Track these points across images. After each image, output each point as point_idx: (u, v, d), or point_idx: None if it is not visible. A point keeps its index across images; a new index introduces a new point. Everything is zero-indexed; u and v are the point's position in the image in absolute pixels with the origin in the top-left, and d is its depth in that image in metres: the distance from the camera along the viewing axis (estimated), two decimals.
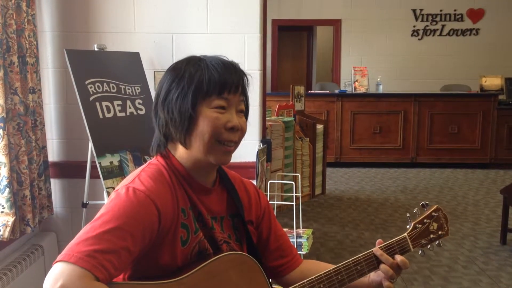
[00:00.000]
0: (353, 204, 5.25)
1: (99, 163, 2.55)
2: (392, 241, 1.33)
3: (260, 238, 1.38)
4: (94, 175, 2.69)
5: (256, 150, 2.87)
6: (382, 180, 6.40)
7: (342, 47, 8.60)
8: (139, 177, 1.17)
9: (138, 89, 2.89)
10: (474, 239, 4.17)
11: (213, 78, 1.17)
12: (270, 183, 3.21)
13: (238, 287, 1.20)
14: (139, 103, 2.87)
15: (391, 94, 7.19)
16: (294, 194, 3.05)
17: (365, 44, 8.51)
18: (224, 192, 1.31)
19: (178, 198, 1.19)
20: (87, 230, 1.05)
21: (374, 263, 1.30)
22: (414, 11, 8.41)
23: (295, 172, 4.94)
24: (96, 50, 2.81)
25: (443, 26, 8.43)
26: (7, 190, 2.38)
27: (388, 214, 4.87)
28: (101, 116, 2.64)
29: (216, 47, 2.92)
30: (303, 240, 2.88)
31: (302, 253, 2.82)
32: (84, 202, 2.75)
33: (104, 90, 2.70)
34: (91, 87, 2.63)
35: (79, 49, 2.88)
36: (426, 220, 1.36)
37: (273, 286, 1.32)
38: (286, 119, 5.01)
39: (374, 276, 1.32)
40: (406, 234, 1.35)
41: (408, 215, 1.39)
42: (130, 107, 2.83)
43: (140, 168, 1.23)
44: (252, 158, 2.91)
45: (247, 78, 1.25)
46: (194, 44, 2.96)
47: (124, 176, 2.58)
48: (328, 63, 9.45)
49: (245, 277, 1.22)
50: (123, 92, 2.81)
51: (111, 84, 2.75)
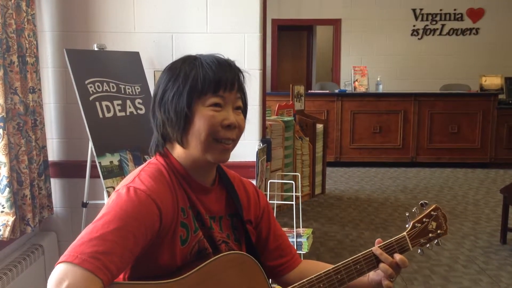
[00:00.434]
0: (353, 204, 5.25)
1: (99, 163, 2.55)
2: (391, 240, 1.33)
3: (259, 238, 1.38)
4: (94, 175, 2.69)
5: (256, 150, 2.87)
6: (382, 179, 6.41)
7: (342, 47, 8.61)
8: (139, 176, 1.17)
9: (138, 88, 2.89)
10: (474, 239, 4.17)
11: (207, 76, 1.17)
12: (270, 182, 3.21)
13: (238, 287, 1.20)
14: (139, 103, 2.87)
15: (391, 94, 7.19)
16: (294, 194, 3.05)
17: (365, 43, 8.51)
18: (223, 192, 1.31)
19: (177, 197, 1.19)
20: (89, 231, 1.04)
21: (374, 262, 1.30)
22: (414, 10, 8.41)
23: (295, 172, 4.94)
24: (96, 49, 2.81)
25: (443, 25, 8.43)
26: (7, 189, 2.38)
27: (388, 214, 4.87)
28: (101, 115, 2.64)
29: (216, 47, 2.92)
30: (303, 239, 2.88)
31: (302, 252, 2.82)
32: (84, 201, 2.75)
33: (104, 90, 2.70)
34: (91, 87, 2.63)
35: (79, 48, 2.88)
36: (425, 219, 1.36)
37: (272, 286, 1.32)
38: (286, 118, 5.01)
39: (374, 275, 1.32)
40: (405, 233, 1.35)
41: (407, 214, 1.39)
42: (130, 107, 2.83)
43: (140, 167, 1.23)
44: (252, 158, 2.91)
45: (243, 75, 1.25)
46: (194, 44, 2.96)
47: (124, 176, 2.58)
48: (328, 63, 9.46)
49: (244, 276, 1.22)
50: (123, 92, 2.81)
51: (111, 84, 2.75)
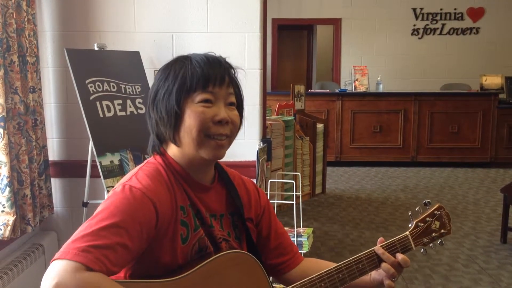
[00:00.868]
0: (353, 203, 5.25)
1: (100, 162, 2.55)
2: (394, 239, 1.32)
3: (260, 236, 1.38)
4: (95, 174, 2.69)
5: (257, 149, 2.87)
6: (382, 179, 6.40)
7: (342, 46, 8.60)
8: (136, 175, 1.18)
9: (138, 88, 2.89)
10: (474, 238, 4.17)
11: (196, 73, 1.17)
12: (271, 182, 3.21)
13: (239, 285, 1.20)
14: (139, 102, 2.87)
15: (391, 93, 7.19)
16: (294, 193, 3.05)
17: (365, 43, 8.51)
18: (223, 190, 1.31)
19: (176, 196, 1.19)
20: (83, 228, 1.05)
21: (376, 261, 1.29)
22: (414, 10, 8.41)
23: (295, 171, 4.94)
24: (96, 49, 2.81)
25: (443, 25, 8.43)
26: (8, 189, 2.38)
27: (388, 213, 4.87)
28: (101, 115, 2.64)
29: (216, 46, 2.92)
30: (303, 239, 2.88)
31: (302, 252, 2.82)
32: (85, 201, 2.75)
33: (104, 89, 2.70)
34: (91, 86, 2.63)
35: (79, 48, 2.88)
36: (428, 219, 1.36)
37: (273, 285, 1.32)
38: (286, 118, 5.01)
39: (376, 274, 1.32)
40: (408, 233, 1.34)
41: (410, 213, 1.38)
42: (130, 106, 2.83)
43: (138, 167, 1.23)
44: (252, 157, 2.91)
45: (235, 71, 1.24)
46: (194, 43, 2.96)
47: (124, 175, 2.58)
48: (328, 62, 9.45)
49: (245, 275, 1.22)
50: (123, 91, 2.81)
51: (111, 83, 2.75)
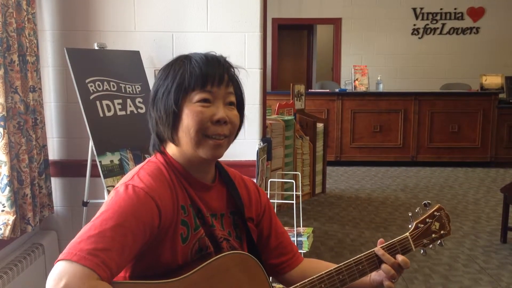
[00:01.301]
0: (353, 203, 5.25)
1: (100, 162, 2.55)
2: (394, 240, 1.32)
3: (261, 236, 1.38)
4: (95, 174, 2.69)
5: (257, 149, 2.87)
6: (382, 178, 6.40)
7: (343, 46, 8.60)
8: (138, 174, 1.17)
9: (138, 87, 2.89)
10: (474, 238, 4.17)
11: (194, 72, 1.17)
12: (271, 181, 3.21)
13: (239, 286, 1.20)
14: (139, 102, 2.87)
15: (391, 93, 7.18)
16: (294, 193, 3.05)
17: (365, 42, 8.51)
18: (224, 189, 1.31)
19: (177, 195, 1.19)
20: (88, 228, 1.05)
21: (376, 262, 1.29)
22: (414, 9, 8.41)
23: (296, 171, 4.94)
24: (96, 48, 2.81)
25: (444, 24, 8.43)
26: (8, 188, 2.37)
27: (388, 213, 4.87)
28: (101, 114, 2.64)
29: (216, 46, 2.92)
30: (303, 238, 2.88)
31: (302, 251, 2.82)
32: (85, 200, 2.75)
33: (104, 89, 2.70)
34: (91, 86, 2.63)
35: (80, 47, 2.88)
36: (428, 220, 1.36)
37: (273, 285, 1.32)
38: (286, 118, 5.01)
39: (376, 275, 1.32)
40: (408, 234, 1.34)
41: (410, 214, 1.38)
42: (130, 106, 2.83)
43: (139, 166, 1.23)
44: (252, 157, 2.91)
45: (234, 70, 1.24)
46: (194, 43, 2.96)
47: (124, 175, 2.58)
48: (328, 62, 9.45)
49: (246, 276, 1.22)
50: (123, 91, 2.81)
51: (111, 83, 2.75)
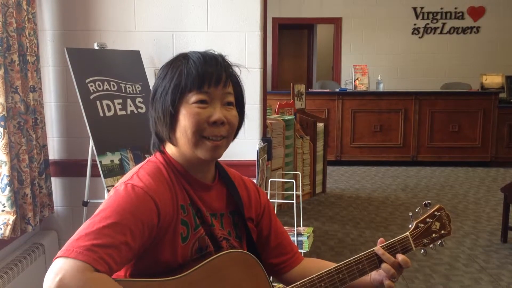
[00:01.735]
0: (353, 203, 5.25)
1: (100, 162, 2.55)
2: (394, 240, 1.32)
3: (261, 236, 1.38)
4: (95, 174, 2.69)
5: (257, 149, 2.87)
6: (382, 178, 6.40)
7: (343, 45, 8.60)
8: (137, 174, 1.18)
9: (138, 87, 2.89)
10: (475, 237, 4.17)
11: (191, 73, 1.17)
12: (271, 181, 3.21)
13: (239, 285, 1.20)
14: (139, 102, 2.87)
15: (391, 93, 7.18)
16: (294, 193, 3.05)
17: (365, 42, 8.51)
18: (224, 189, 1.31)
19: (177, 194, 1.19)
20: (86, 226, 1.05)
21: (376, 262, 1.29)
22: (415, 9, 8.41)
23: (296, 171, 4.94)
24: (96, 48, 2.81)
25: (444, 24, 8.42)
26: (8, 188, 2.37)
27: (388, 213, 4.87)
28: (101, 114, 2.64)
29: (216, 46, 2.91)
30: (303, 238, 2.88)
31: (302, 251, 2.82)
32: (85, 200, 2.75)
33: (104, 89, 2.70)
34: (91, 86, 2.63)
35: (80, 47, 2.88)
36: (428, 220, 1.36)
37: (273, 285, 1.32)
38: (287, 117, 5.01)
39: (376, 275, 1.32)
40: (408, 233, 1.34)
41: (410, 214, 1.38)
42: (130, 106, 2.83)
43: (139, 165, 1.24)
44: (252, 157, 2.91)
45: (232, 69, 1.23)
46: (194, 43, 2.96)
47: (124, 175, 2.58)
48: (329, 62, 9.45)
49: (245, 274, 1.22)
50: (123, 91, 2.81)
51: (111, 83, 2.75)
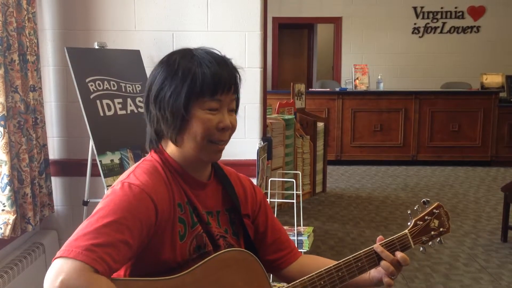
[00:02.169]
0: (353, 202, 5.25)
1: (100, 161, 2.55)
2: (393, 237, 1.33)
3: (257, 232, 1.39)
4: (95, 173, 2.69)
5: (257, 148, 2.87)
6: (382, 178, 6.40)
7: (343, 45, 8.60)
8: (134, 173, 1.18)
9: (138, 87, 2.89)
10: (475, 237, 4.17)
11: (206, 79, 1.16)
12: (271, 181, 3.21)
13: (238, 283, 1.20)
14: (139, 101, 2.87)
15: (391, 92, 7.18)
16: (294, 192, 3.05)
17: (365, 41, 8.51)
18: (220, 187, 1.32)
19: (174, 193, 1.19)
20: (84, 226, 1.06)
21: (375, 259, 1.30)
22: (415, 8, 8.41)
23: (296, 170, 4.94)
24: (96, 48, 2.81)
25: (444, 23, 8.42)
26: (8, 188, 2.38)
27: (388, 212, 4.87)
28: (101, 114, 2.64)
29: (216, 45, 2.87)
30: (303, 238, 2.88)
31: (303, 250, 2.82)
32: (85, 200, 2.75)
33: (104, 88, 2.70)
34: (91, 85, 2.63)
35: (80, 47, 2.88)
36: (427, 217, 1.36)
37: (273, 284, 1.32)
38: (287, 117, 5.01)
39: (375, 272, 1.32)
40: (407, 231, 1.35)
41: (409, 212, 1.39)
42: (130, 105, 2.83)
43: (135, 164, 1.24)
44: (252, 156, 2.91)
45: (239, 75, 1.24)
46: (194, 42, 2.94)
47: None
48: (329, 61, 9.45)
49: (245, 273, 1.22)
50: (123, 90, 2.81)
51: (111, 82, 2.75)
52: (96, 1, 2.95)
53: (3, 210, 2.39)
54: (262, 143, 2.96)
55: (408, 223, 1.37)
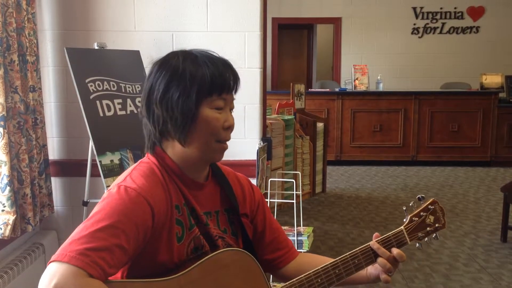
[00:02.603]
0: (353, 202, 5.25)
1: (100, 161, 2.55)
2: (389, 234, 1.33)
3: (256, 231, 1.39)
4: (95, 174, 2.69)
5: (257, 148, 2.87)
6: (382, 178, 6.41)
7: (343, 45, 8.60)
8: (130, 175, 1.18)
9: (138, 87, 2.89)
10: (474, 237, 4.17)
11: (214, 78, 1.18)
12: (271, 181, 3.21)
13: (235, 283, 1.20)
14: (139, 102, 2.87)
15: (391, 92, 7.18)
16: (294, 192, 3.05)
17: (365, 42, 8.51)
18: (217, 187, 1.32)
19: (171, 195, 1.19)
20: (79, 230, 1.06)
21: (372, 256, 1.30)
22: (414, 9, 8.41)
23: (296, 170, 4.94)
24: (96, 48, 2.81)
25: (443, 24, 8.43)
26: (8, 188, 2.38)
27: (388, 212, 4.87)
28: (101, 114, 2.64)
29: (216, 45, 2.92)
30: (303, 238, 2.88)
31: (302, 251, 2.82)
32: (85, 200, 2.75)
33: (104, 89, 2.70)
34: (91, 86, 2.63)
35: (80, 47, 2.88)
36: (422, 213, 1.37)
37: (273, 285, 1.32)
38: (287, 117, 5.01)
39: (372, 269, 1.32)
40: (402, 227, 1.35)
41: (404, 208, 1.39)
42: (130, 105, 2.83)
43: (132, 167, 1.24)
44: (252, 156, 2.91)
45: (238, 75, 1.27)
46: (194, 42, 2.96)
47: None
48: (329, 61, 9.45)
49: (242, 273, 1.22)
50: (123, 91, 2.81)
51: (111, 83, 2.75)
52: (96, 1, 2.95)
53: (3, 211, 2.39)
54: (262, 144, 2.96)
55: (404, 220, 1.38)
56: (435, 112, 7.05)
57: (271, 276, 1.38)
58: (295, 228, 2.92)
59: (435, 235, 1.38)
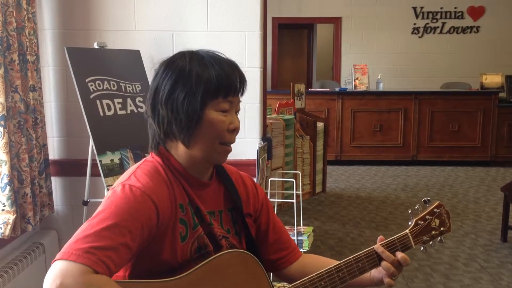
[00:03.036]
0: (353, 202, 5.25)
1: (100, 161, 2.55)
2: (394, 238, 1.32)
3: (259, 231, 1.39)
4: (95, 173, 2.69)
5: (257, 148, 2.87)
6: (382, 178, 6.40)
7: (343, 45, 8.60)
8: (134, 174, 1.17)
9: (138, 87, 2.89)
10: (474, 237, 4.17)
11: (221, 80, 1.17)
12: (271, 181, 3.21)
13: (239, 284, 1.20)
14: (139, 101, 2.87)
15: (391, 92, 7.18)
16: (294, 192, 3.05)
17: (365, 42, 8.51)
18: (221, 186, 1.32)
19: (175, 194, 1.19)
20: (84, 228, 1.05)
21: (376, 260, 1.30)
22: (415, 8, 8.41)
23: (296, 170, 4.94)
24: (96, 48, 2.81)
25: (444, 23, 8.42)
26: (8, 188, 2.37)
27: (388, 212, 4.87)
28: (101, 114, 2.64)
29: (216, 45, 2.91)
30: (303, 237, 2.88)
31: (302, 250, 2.82)
32: (85, 200, 2.75)
33: (104, 88, 2.70)
34: (91, 85, 2.63)
35: (80, 47, 2.88)
36: (428, 217, 1.36)
37: (274, 284, 1.32)
38: (287, 117, 5.01)
39: (375, 272, 1.32)
40: (407, 231, 1.34)
41: (410, 211, 1.38)
42: (130, 105, 2.83)
43: (136, 165, 1.23)
44: (252, 156, 2.91)
45: (244, 77, 1.26)
46: (194, 42, 2.96)
47: None
48: (329, 61, 9.45)
49: (245, 274, 1.22)
50: (123, 90, 2.81)
51: (111, 82, 2.75)
52: (96, 1, 2.95)
53: (3, 210, 2.39)
54: (262, 143, 2.96)
55: (409, 223, 1.36)
56: (435, 112, 7.05)
57: (271, 274, 1.37)
58: (295, 228, 2.92)
59: (440, 238, 1.36)
